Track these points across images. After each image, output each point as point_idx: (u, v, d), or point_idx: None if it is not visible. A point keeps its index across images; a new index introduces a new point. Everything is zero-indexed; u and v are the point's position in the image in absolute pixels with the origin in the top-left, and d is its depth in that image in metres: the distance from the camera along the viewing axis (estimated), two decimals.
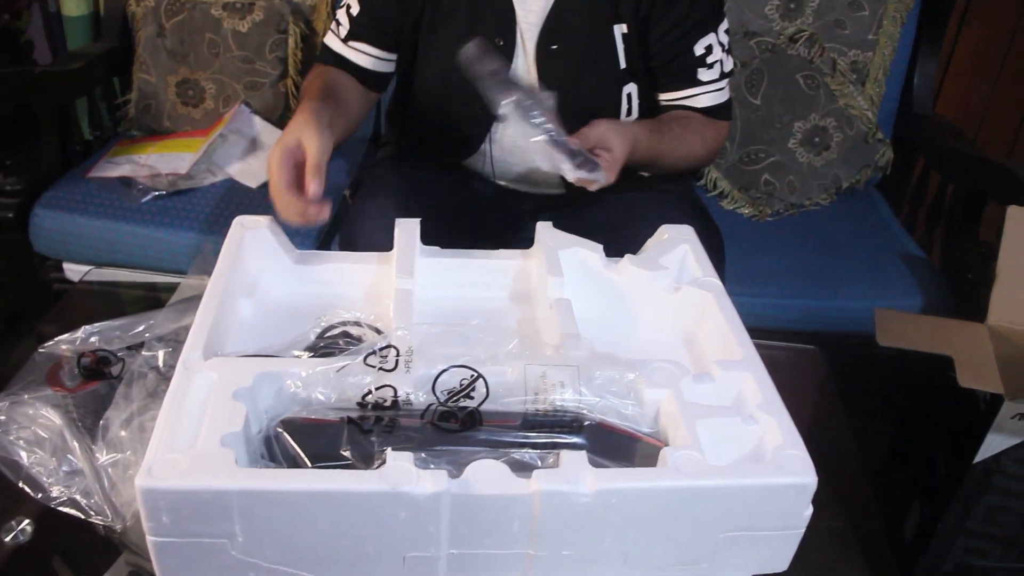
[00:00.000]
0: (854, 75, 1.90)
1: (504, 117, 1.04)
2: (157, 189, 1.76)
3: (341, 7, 1.33)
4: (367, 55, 1.33)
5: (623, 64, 1.29)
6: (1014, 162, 1.69)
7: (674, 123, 1.30)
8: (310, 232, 1.66)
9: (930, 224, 1.92)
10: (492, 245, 1.05)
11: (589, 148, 1.12)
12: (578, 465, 0.70)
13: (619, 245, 1.01)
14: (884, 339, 1.11)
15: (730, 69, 1.33)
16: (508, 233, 1.38)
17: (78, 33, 2.16)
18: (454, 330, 0.83)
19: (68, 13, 2.13)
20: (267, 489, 0.67)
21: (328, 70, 1.32)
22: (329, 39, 1.35)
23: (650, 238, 1.04)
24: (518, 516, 0.69)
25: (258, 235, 1.00)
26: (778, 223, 1.86)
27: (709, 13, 1.28)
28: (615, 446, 0.75)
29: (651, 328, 0.97)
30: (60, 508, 0.87)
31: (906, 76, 1.98)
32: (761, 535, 0.74)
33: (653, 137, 1.23)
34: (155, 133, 1.98)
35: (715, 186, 1.91)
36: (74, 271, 1.77)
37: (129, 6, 1.98)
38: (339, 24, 1.33)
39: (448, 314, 0.97)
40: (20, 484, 0.89)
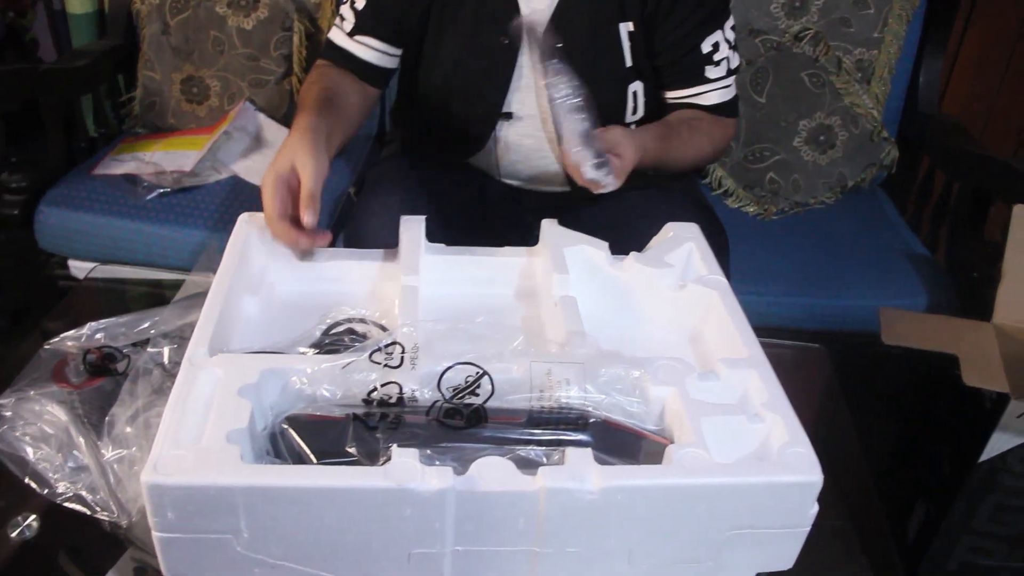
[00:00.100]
0: (859, 73, 1.89)
1: (551, 98, 1.04)
2: (162, 186, 1.76)
3: (345, 2, 1.33)
4: (373, 49, 1.32)
5: (629, 62, 1.29)
6: (1020, 161, 1.68)
7: (682, 126, 1.30)
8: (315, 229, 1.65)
9: (935, 223, 1.91)
10: (497, 243, 1.05)
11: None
12: (583, 462, 0.70)
13: (624, 243, 1.01)
14: (889, 338, 1.10)
15: (736, 66, 1.33)
16: (513, 231, 1.37)
17: (83, 30, 2.16)
18: (459, 327, 0.83)
19: (73, 10, 2.13)
20: (272, 485, 0.67)
21: (328, 72, 1.31)
22: (333, 34, 1.34)
23: (655, 236, 1.04)
24: (523, 513, 0.69)
25: (263, 232, 1.00)
26: (783, 221, 1.86)
27: (715, 10, 1.28)
28: (620, 443, 0.75)
29: (656, 326, 0.97)
30: (66, 504, 0.88)
31: (911, 75, 1.97)
32: (766, 533, 0.74)
33: (662, 146, 1.23)
34: (160, 130, 1.98)
35: (720, 184, 1.91)
36: (79, 268, 1.77)
37: (134, 3, 1.98)
38: (343, 19, 1.32)
39: (453, 311, 0.97)
40: (26, 480, 0.89)
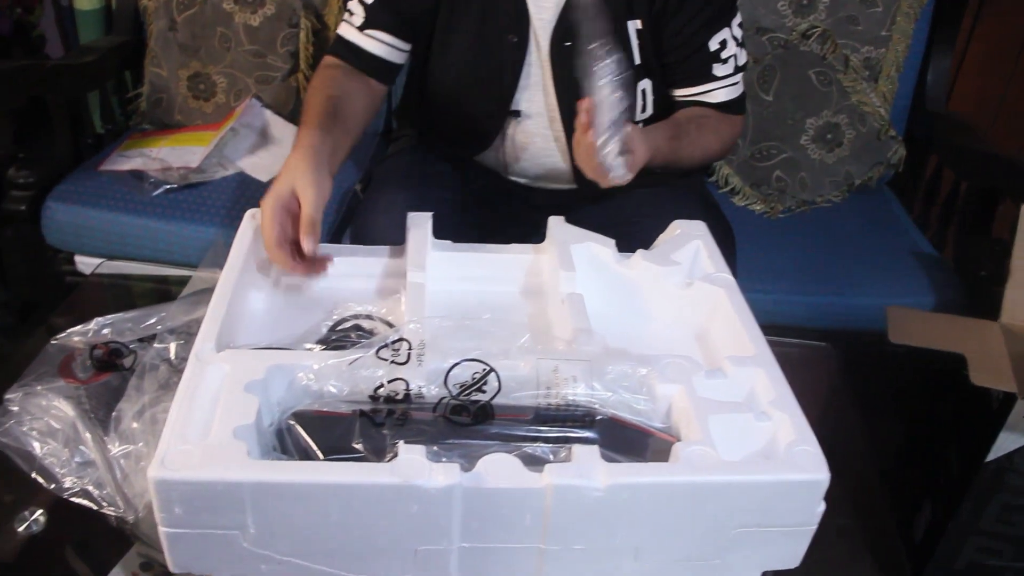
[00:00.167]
0: (867, 72, 1.89)
1: (593, 78, 1.03)
2: (168, 182, 1.77)
3: None
4: (383, 43, 1.31)
5: (637, 60, 1.29)
6: None
7: (691, 124, 1.29)
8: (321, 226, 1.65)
9: (943, 222, 1.91)
10: (504, 240, 1.05)
11: None
12: (590, 459, 0.70)
13: (631, 240, 1.00)
14: (896, 336, 1.10)
15: (744, 63, 1.32)
16: (520, 228, 1.37)
17: (90, 27, 2.16)
18: (466, 324, 0.83)
19: (80, 7, 2.13)
20: (279, 481, 0.67)
21: (333, 75, 1.29)
22: (343, 29, 1.32)
23: (662, 233, 1.04)
24: (530, 510, 0.69)
25: None
26: (789, 220, 1.86)
27: (723, 7, 1.27)
28: (627, 441, 0.75)
29: (663, 323, 0.97)
30: (73, 499, 0.88)
31: (919, 73, 1.96)
32: (773, 531, 0.74)
33: (672, 144, 1.23)
34: (166, 127, 1.99)
35: (727, 182, 1.90)
36: (86, 264, 1.77)
37: (141, 0, 1.98)
38: (352, 14, 1.31)
39: (460, 308, 0.97)
40: (33, 475, 0.89)
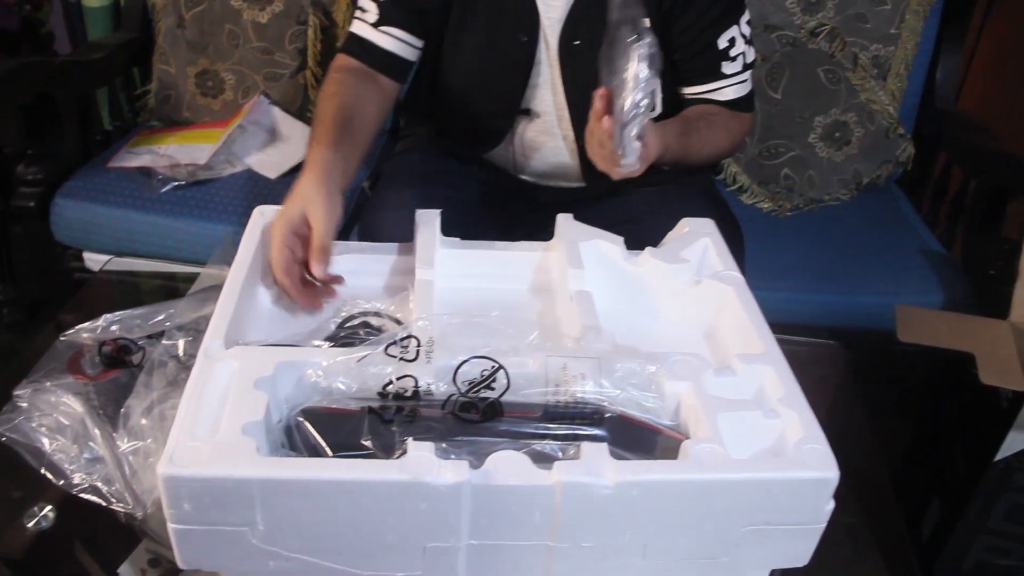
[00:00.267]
0: (876, 69, 1.88)
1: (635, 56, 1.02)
2: (177, 179, 1.77)
3: None
4: (397, 40, 1.29)
5: None
6: None
7: (701, 121, 1.29)
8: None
9: (951, 220, 1.90)
10: (512, 237, 1.05)
11: None
12: (599, 457, 0.69)
13: (639, 238, 1.00)
14: (905, 335, 1.10)
15: (752, 60, 1.32)
16: (528, 225, 1.37)
17: (98, 23, 2.16)
18: (475, 321, 0.83)
19: (88, 4, 2.14)
20: (288, 478, 0.68)
21: (345, 80, 1.26)
22: (356, 27, 1.30)
23: (670, 231, 1.03)
24: (539, 507, 0.69)
25: None
26: (798, 218, 1.85)
27: (731, 5, 1.27)
28: (636, 438, 0.75)
29: (671, 321, 0.97)
30: (82, 495, 0.88)
31: (928, 71, 1.95)
32: (782, 529, 0.73)
33: (682, 141, 1.23)
34: (175, 124, 1.99)
35: (735, 180, 1.90)
36: (94, 260, 1.78)
37: None
38: (364, 11, 1.29)
39: (468, 305, 0.97)
40: (42, 470, 0.90)
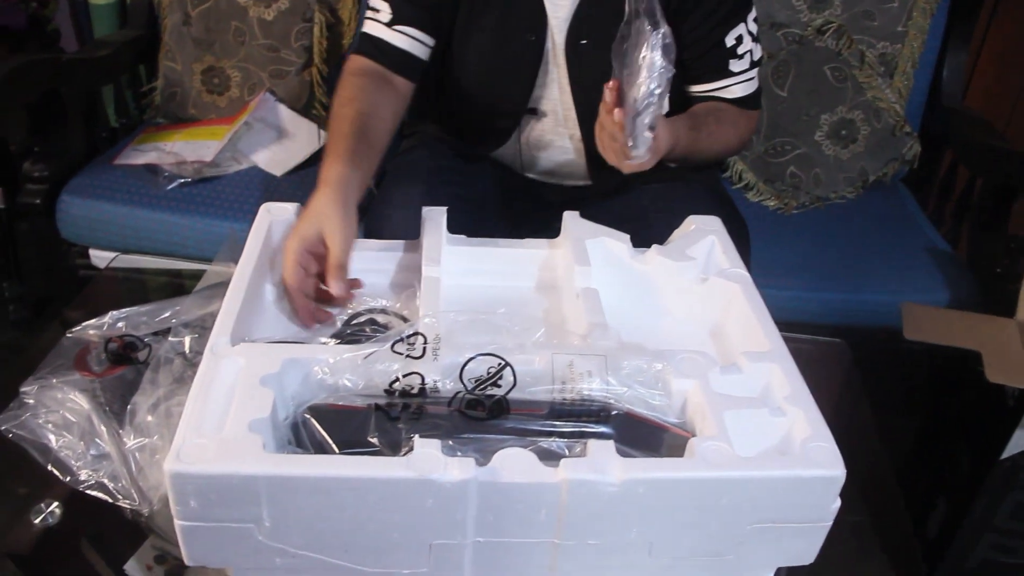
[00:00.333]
0: (882, 67, 1.88)
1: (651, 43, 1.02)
2: (182, 176, 1.77)
3: None
4: (412, 39, 1.28)
5: None
6: None
7: (709, 117, 1.29)
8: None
9: (957, 218, 1.90)
10: (518, 234, 1.05)
11: None
12: (605, 454, 0.69)
13: (645, 236, 1.00)
14: (911, 333, 1.10)
15: (759, 58, 1.31)
16: (534, 223, 1.37)
17: (104, 21, 2.17)
18: (481, 318, 0.83)
19: (95, 1, 2.14)
20: (294, 475, 0.68)
21: (361, 84, 1.24)
22: (370, 27, 1.29)
23: (677, 229, 1.03)
24: (545, 504, 0.69)
25: (285, 222, 1.00)
26: (803, 216, 1.85)
27: (739, 3, 1.27)
28: (642, 436, 0.75)
29: (678, 319, 0.97)
30: (88, 491, 0.88)
31: (935, 69, 1.95)
32: (788, 527, 0.73)
33: (692, 135, 1.22)
34: (181, 121, 1.99)
35: (740, 178, 1.90)
36: (100, 257, 1.78)
37: None
38: (377, 11, 1.28)
39: (474, 303, 0.97)
40: (49, 467, 0.90)
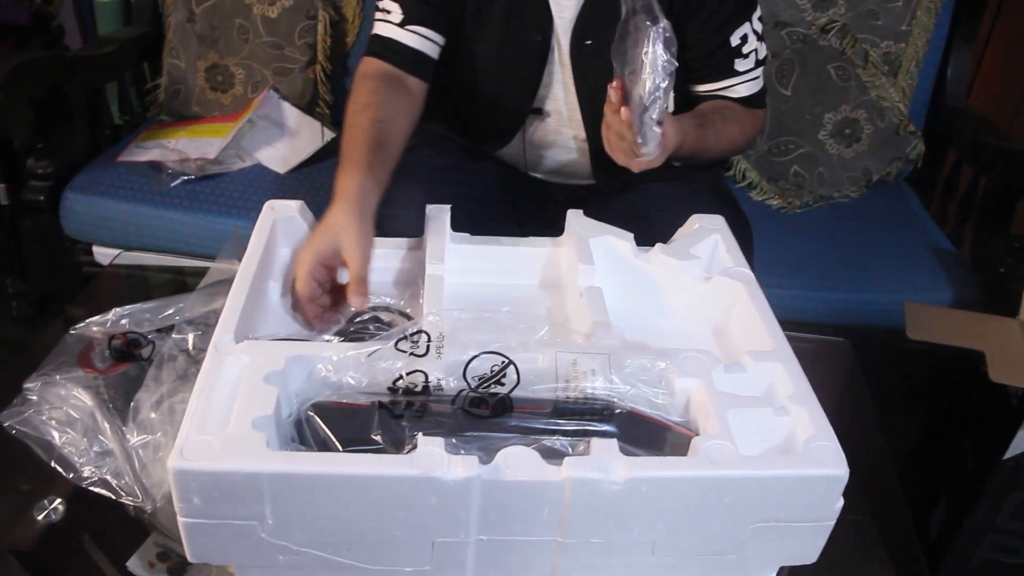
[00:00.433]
0: (886, 67, 1.88)
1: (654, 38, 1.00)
2: (186, 174, 1.78)
3: None
4: (424, 38, 1.27)
5: None
6: None
7: (715, 115, 1.28)
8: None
9: (961, 217, 1.90)
10: (522, 233, 1.05)
11: None
12: (609, 453, 0.69)
13: (649, 234, 1.00)
14: (914, 332, 1.10)
15: (764, 57, 1.31)
16: (538, 221, 1.37)
17: (108, 18, 2.17)
18: (485, 316, 0.83)
19: None
20: (298, 472, 0.68)
21: (377, 88, 1.23)
22: (381, 28, 1.28)
23: (680, 228, 1.03)
24: (548, 503, 0.69)
25: (289, 220, 1.00)
26: (807, 215, 1.85)
27: (743, 2, 1.26)
28: (646, 434, 0.75)
29: (681, 317, 0.97)
30: (91, 488, 0.88)
31: (939, 68, 1.94)
32: (791, 526, 0.73)
33: (699, 133, 1.22)
34: (184, 118, 1.99)
35: (744, 177, 1.90)
36: (103, 254, 1.78)
37: None
38: (388, 12, 1.27)
39: (478, 301, 0.97)
40: (52, 464, 0.90)
